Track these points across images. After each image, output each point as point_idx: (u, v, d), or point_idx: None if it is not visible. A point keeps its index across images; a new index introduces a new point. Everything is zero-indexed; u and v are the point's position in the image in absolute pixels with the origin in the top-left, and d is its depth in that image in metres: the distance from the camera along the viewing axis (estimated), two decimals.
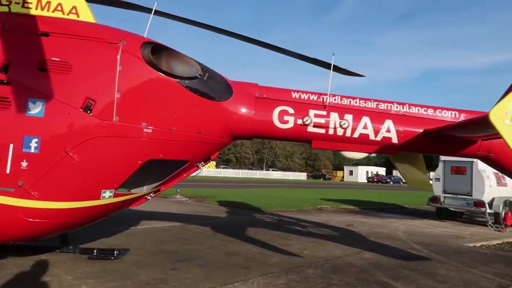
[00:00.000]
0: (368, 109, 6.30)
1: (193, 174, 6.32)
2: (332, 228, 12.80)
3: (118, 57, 5.09)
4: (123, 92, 5.08)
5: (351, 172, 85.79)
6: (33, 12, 5.47)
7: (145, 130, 5.19)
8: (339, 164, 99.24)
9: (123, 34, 5.34)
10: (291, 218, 14.76)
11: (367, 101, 6.40)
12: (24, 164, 4.87)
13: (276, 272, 6.82)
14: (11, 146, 4.86)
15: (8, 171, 4.86)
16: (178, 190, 21.06)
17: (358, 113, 6.18)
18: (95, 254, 7.17)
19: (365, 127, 6.10)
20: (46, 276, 5.99)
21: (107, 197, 5.32)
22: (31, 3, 5.51)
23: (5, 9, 5.30)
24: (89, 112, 4.98)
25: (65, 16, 5.62)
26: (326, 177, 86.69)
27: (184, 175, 6.16)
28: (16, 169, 4.87)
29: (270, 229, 11.60)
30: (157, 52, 5.35)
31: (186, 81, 5.36)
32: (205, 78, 5.53)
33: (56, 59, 5.05)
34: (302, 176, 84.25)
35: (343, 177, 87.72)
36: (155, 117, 5.24)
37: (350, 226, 13.31)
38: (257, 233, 10.86)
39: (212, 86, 5.63)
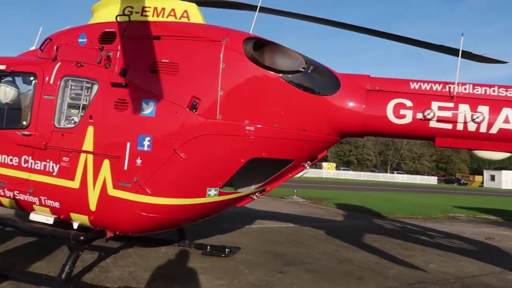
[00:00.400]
0: (511, 99, 5.14)
1: (299, 174, 6.00)
2: (466, 240, 11.12)
3: (221, 54, 5.09)
4: (226, 89, 5.05)
5: (492, 177, 75.02)
6: (150, 19, 5.82)
7: (247, 127, 5.08)
8: (478, 167, 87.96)
9: (226, 32, 5.33)
10: (416, 226, 13.34)
11: (508, 89, 5.24)
12: (138, 161, 5.19)
13: (394, 287, 6.07)
14: (128, 144, 5.23)
15: (125, 167, 5.24)
16: (295, 191, 21.02)
17: (496, 104, 5.09)
18: (208, 250, 7.40)
19: (506, 121, 4.98)
20: (162, 268, 6.35)
21: (212, 195, 5.36)
22: (148, 11, 5.88)
23: (126, 18, 5.75)
24: (194, 111, 5.07)
25: (177, 20, 5.85)
26: (461, 182, 77.55)
27: (290, 175, 5.89)
28: (132, 166, 5.22)
29: (391, 237, 10.60)
30: (259, 47, 5.19)
31: (289, 76, 5.09)
32: (309, 71, 5.17)
33: (166, 60, 5.28)
34: (431, 180, 77.04)
35: (482, 182, 77.35)
36: (257, 114, 5.09)
37: (490, 239, 11.39)
38: (375, 240, 10.02)
39: (317, 80, 5.24)
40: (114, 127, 5.37)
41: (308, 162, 5.76)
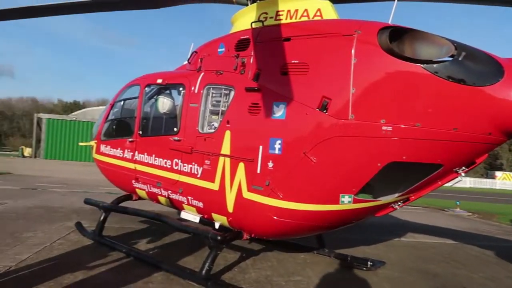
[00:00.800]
0: None
1: (452, 183, 5.05)
2: None
3: (353, 49, 4.66)
4: (359, 86, 4.58)
5: None
6: (283, 22, 5.79)
7: (384, 128, 4.50)
8: None
9: (358, 24, 4.86)
10: None
11: None
12: (270, 164, 5.15)
13: None
14: (261, 147, 5.25)
15: (258, 171, 5.27)
16: (458, 202, 18.53)
17: None
18: (348, 261, 6.97)
19: None
20: (297, 275, 6.21)
21: (346, 202, 4.94)
22: (281, 14, 5.87)
23: (260, 24, 5.85)
24: (324, 111, 4.76)
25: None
26: None
27: (439, 182, 5.01)
28: (264, 169, 5.21)
29: None
30: (397, 36, 4.56)
31: (434, 66, 4.31)
32: (460, 59, 4.28)
33: (295, 61, 5.13)
34: None
35: None
36: (395, 112, 4.47)
37: None
38: None
39: (471, 68, 4.30)
40: (248, 131, 5.48)
41: (463, 167, 4.80)
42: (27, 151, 42.95)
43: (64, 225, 8.41)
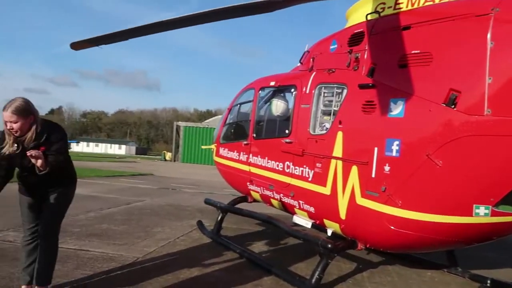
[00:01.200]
0: None
1: None
2: None
3: (489, 31, 3.87)
4: (498, 75, 3.78)
5: None
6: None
7: None
8: None
9: (496, 1, 4.03)
10: None
11: None
12: (386, 168, 4.63)
13: None
14: (376, 149, 4.76)
15: (373, 175, 4.79)
16: None
17: None
18: (487, 285, 5.89)
19: None
20: None
21: (482, 214, 4.12)
22: (402, 2, 5.28)
23: (376, 16, 5.36)
24: (453, 106, 4.06)
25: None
26: None
27: None
28: (380, 173, 4.71)
29: None
30: None
31: None
32: None
33: (416, 51, 4.52)
34: None
35: None
36: None
37: None
38: None
39: None
40: (361, 131, 5.04)
41: None
42: (168, 155, 48.49)
43: (189, 223, 9.01)
